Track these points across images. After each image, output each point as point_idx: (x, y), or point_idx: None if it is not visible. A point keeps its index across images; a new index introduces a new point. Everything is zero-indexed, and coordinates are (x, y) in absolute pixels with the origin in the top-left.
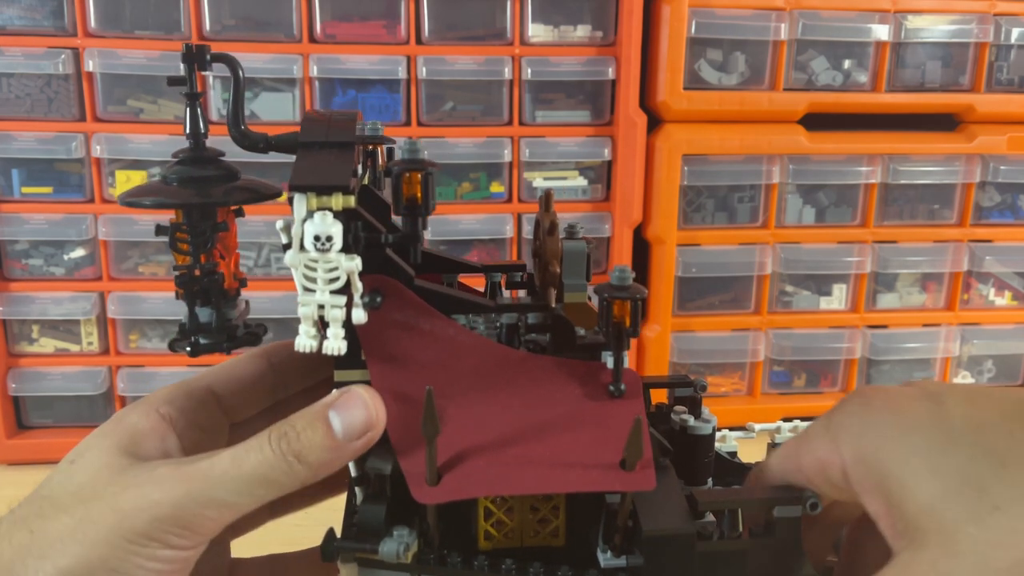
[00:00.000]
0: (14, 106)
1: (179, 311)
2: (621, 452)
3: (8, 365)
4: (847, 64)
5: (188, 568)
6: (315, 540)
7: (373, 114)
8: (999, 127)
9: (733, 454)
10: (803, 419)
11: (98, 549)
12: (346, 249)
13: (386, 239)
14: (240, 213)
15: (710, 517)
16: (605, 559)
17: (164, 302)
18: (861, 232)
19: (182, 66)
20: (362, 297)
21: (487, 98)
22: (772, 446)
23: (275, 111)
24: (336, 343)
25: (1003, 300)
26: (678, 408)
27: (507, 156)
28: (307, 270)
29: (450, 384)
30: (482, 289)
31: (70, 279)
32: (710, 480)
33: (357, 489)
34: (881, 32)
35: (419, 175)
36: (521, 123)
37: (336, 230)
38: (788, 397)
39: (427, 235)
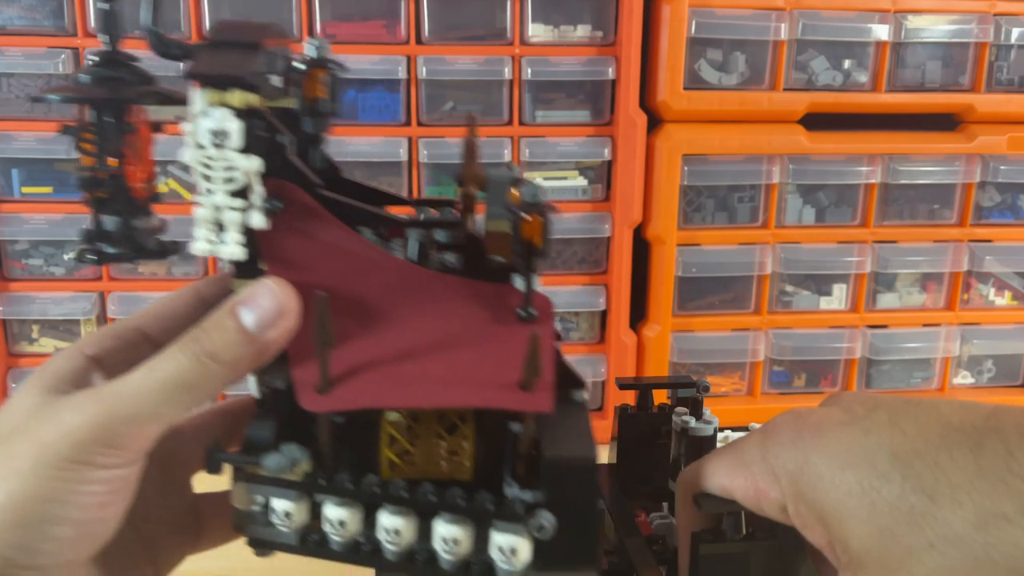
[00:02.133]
0: (14, 106)
1: None
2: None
3: (8, 365)
4: (847, 64)
5: (129, 487)
6: None
7: (373, 114)
8: (999, 127)
9: None
10: None
11: (25, 482)
12: (246, 149)
13: (290, 142)
14: (157, 128)
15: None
16: (512, 492)
17: None
18: (861, 232)
19: None
20: (262, 201)
21: (487, 98)
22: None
23: None
24: (232, 248)
25: (1003, 300)
26: (679, 409)
27: (507, 156)
28: (204, 168)
29: (352, 298)
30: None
31: (70, 279)
32: None
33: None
34: (881, 32)
35: (322, 73)
36: (521, 123)
37: (234, 127)
38: (788, 397)
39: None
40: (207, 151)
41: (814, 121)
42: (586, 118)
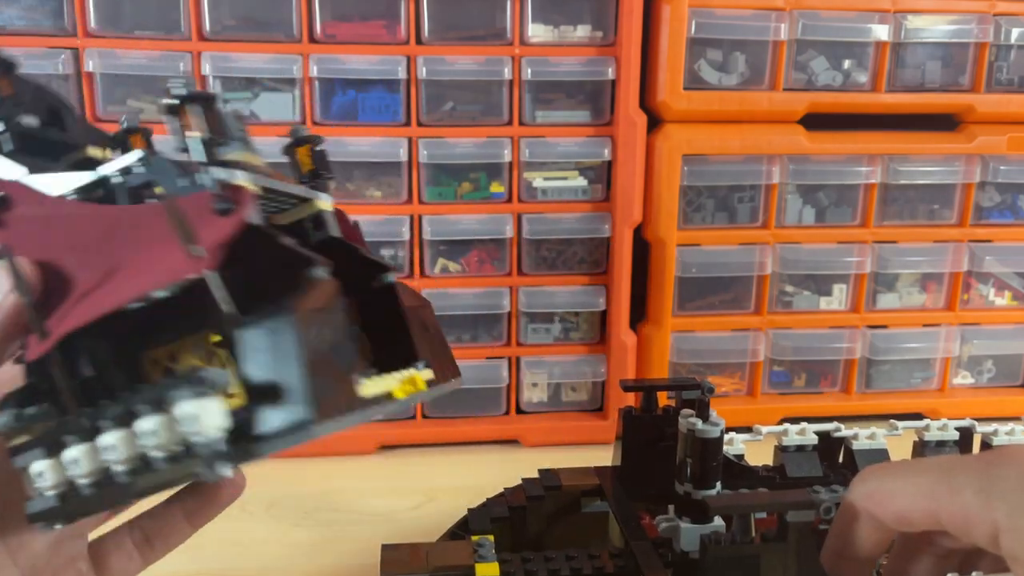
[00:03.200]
0: None
1: None
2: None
3: None
4: (847, 64)
5: None
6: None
7: (373, 114)
8: (999, 127)
9: (740, 457)
10: (808, 420)
11: None
12: None
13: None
14: None
15: (719, 521)
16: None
17: None
18: (861, 232)
19: None
20: None
21: (487, 98)
22: (781, 448)
23: (275, 111)
24: None
25: (1003, 300)
26: (685, 411)
27: (507, 156)
28: None
29: (75, 258)
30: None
31: None
32: (719, 484)
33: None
34: (881, 32)
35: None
36: (521, 123)
37: None
38: (788, 397)
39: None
40: None
41: (814, 121)
42: (586, 118)
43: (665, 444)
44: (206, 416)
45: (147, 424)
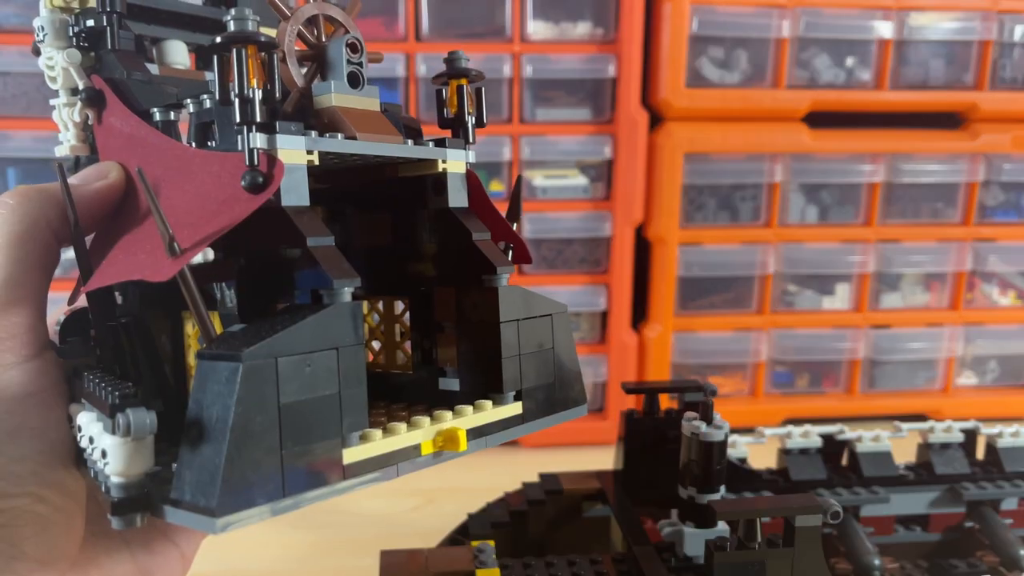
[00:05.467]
0: (10, 105)
1: None
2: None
3: None
4: (850, 62)
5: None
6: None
7: None
8: (1003, 125)
9: (743, 460)
10: (811, 421)
11: None
12: (63, 44)
13: (97, 30)
14: None
15: (723, 526)
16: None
17: None
18: (864, 231)
19: None
20: (80, 94)
21: (487, 96)
22: (784, 451)
23: None
24: (65, 146)
25: (1007, 300)
26: (689, 414)
27: (507, 154)
28: (47, 69)
29: (132, 194)
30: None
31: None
32: (723, 488)
33: None
34: (884, 30)
35: None
36: (521, 121)
37: (47, 20)
38: (791, 397)
39: None
40: (43, 51)
41: (817, 119)
42: (587, 116)
43: (668, 447)
44: (117, 460)
45: (91, 429)
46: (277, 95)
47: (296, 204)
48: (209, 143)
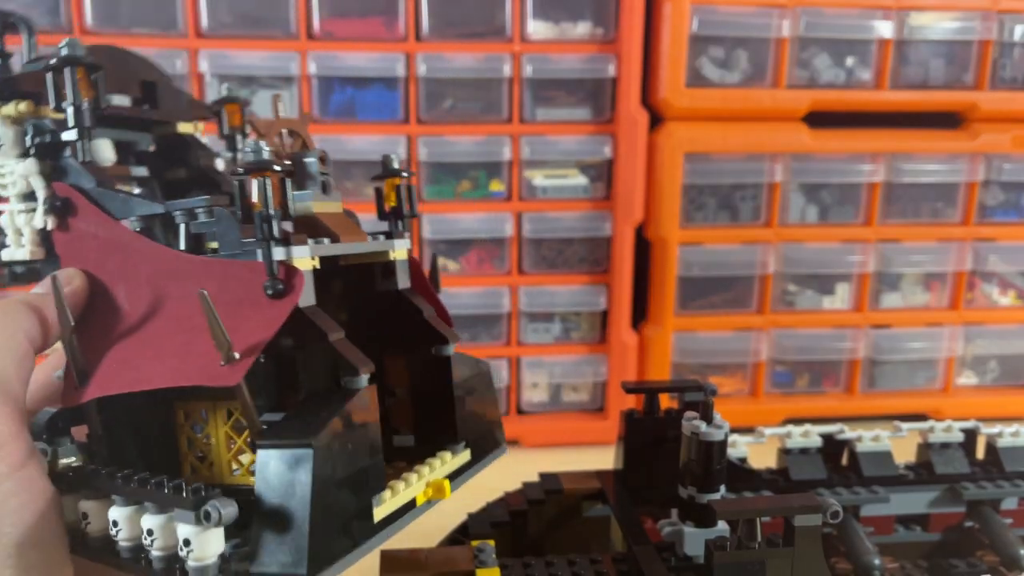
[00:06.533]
0: None
1: None
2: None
3: None
4: (850, 61)
5: None
6: None
7: (372, 112)
8: (1003, 125)
9: (743, 460)
10: (811, 421)
11: None
12: (23, 154)
13: (55, 141)
14: None
15: (723, 525)
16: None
17: None
18: (864, 231)
19: None
20: (44, 202)
21: (487, 96)
22: (784, 451)
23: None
24: (19, 250)
25: (1007, 299)
26: (689, 413)
27: (507, 154)
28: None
29: (123, 289)
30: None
31: None
32: (723, 488)
33: None
34: (884, 29)
35: (83, 69)
36: (521, 121)
37: (1, 132)
38: (791, 397)
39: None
40: None
41: (817, 119)
42: (587, 116)
43: (668, 447)
44: (202, 546)
45: (150, 522)
46: (291, 213)
47: (309, 304)
48: (205, 252)
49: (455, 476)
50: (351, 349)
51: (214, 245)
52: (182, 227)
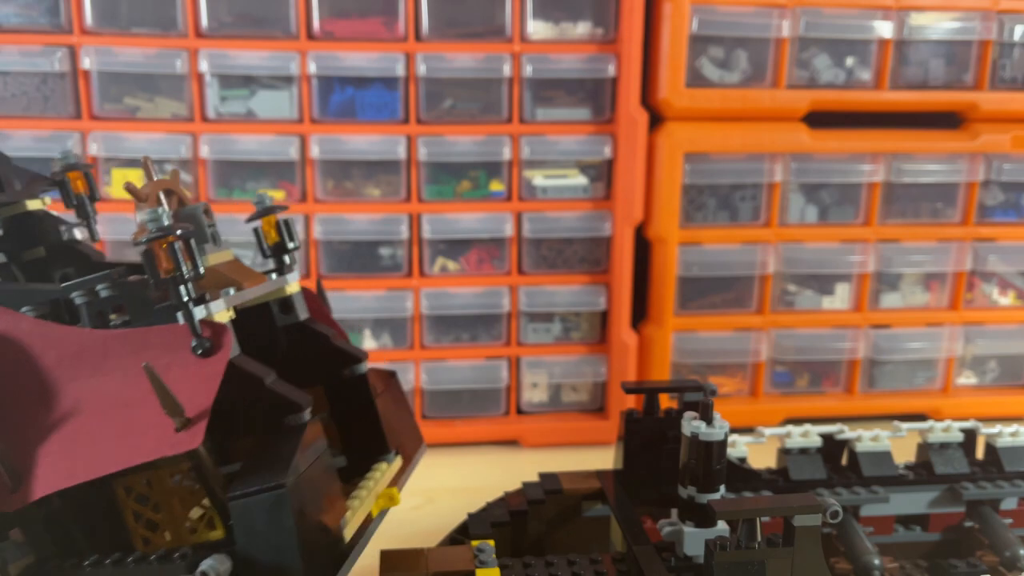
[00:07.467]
0: (10, 104)
1: None
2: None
3: None
4: (850, 61)
5: None
6: None
7: (372, 112)
8: (1002, 125)
9: (743, 460)
10: (810, 421)
11: None
12: None
13: None
14: None
15: (723, 525)
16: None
17: None
18: (864, 231)
19: None
20: None
21: (487, 96)
22: (784, 451)
23: (273, 109)
24: None
25: (1007, 300)
26: (689, 414)
27: (507, 154)
28: None
29: (33, 381)
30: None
31: None
32: (722, 488)
33: None
34: (884, 29)
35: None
36: (521, 121)
37: None
38: (791, 398)
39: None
40: None
41: (816, 119)
42: (587, 116)
43: (668, 447)
44: None
45: None
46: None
47: (236, 354)
48: (110, 326)
49: (394, 483)
50: (287, 388)
51: (113, 317)
52: (83, 306)
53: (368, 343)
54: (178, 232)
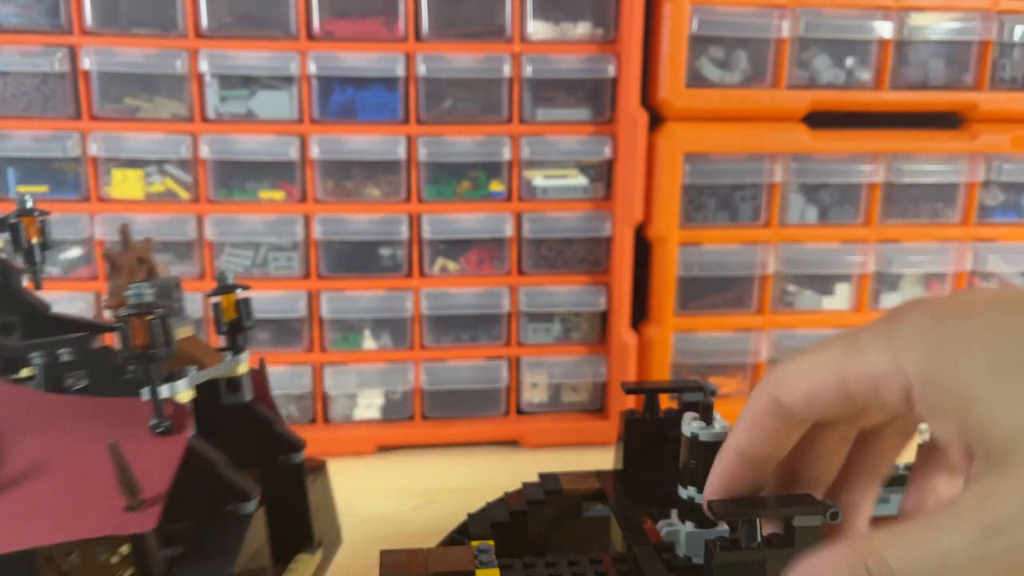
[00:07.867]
0: (10, 105)
1: None
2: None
3: None
4: (850, 62)
5: None
6: None
7: (371, 112)
8: (1003, 125)
9: None
10: None
11: None
12: None
13: None
14: None
15: (723, 526)
16: None
17: None
18: (864, 231)
19: None
20: None
21: (486, 96)
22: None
23: (272, 110)
24: None
25: None
26: (689, 414)
27: (507, 154)
28: None
29: None
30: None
31: (65, 279)
32: None
33: None
34: (884, 30)
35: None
36: (521, 121)
37: None
38: None
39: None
40: None
41: (817, 119)
42: (587, 116)
43: (668, 448)
44: None
45: None
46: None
47: (192, 435)
48: (67, 389)
49: None
50: (238, 475)
51: (68, 382)
52: (41, 367)
53: (368, 343)
54: (158, 310)
